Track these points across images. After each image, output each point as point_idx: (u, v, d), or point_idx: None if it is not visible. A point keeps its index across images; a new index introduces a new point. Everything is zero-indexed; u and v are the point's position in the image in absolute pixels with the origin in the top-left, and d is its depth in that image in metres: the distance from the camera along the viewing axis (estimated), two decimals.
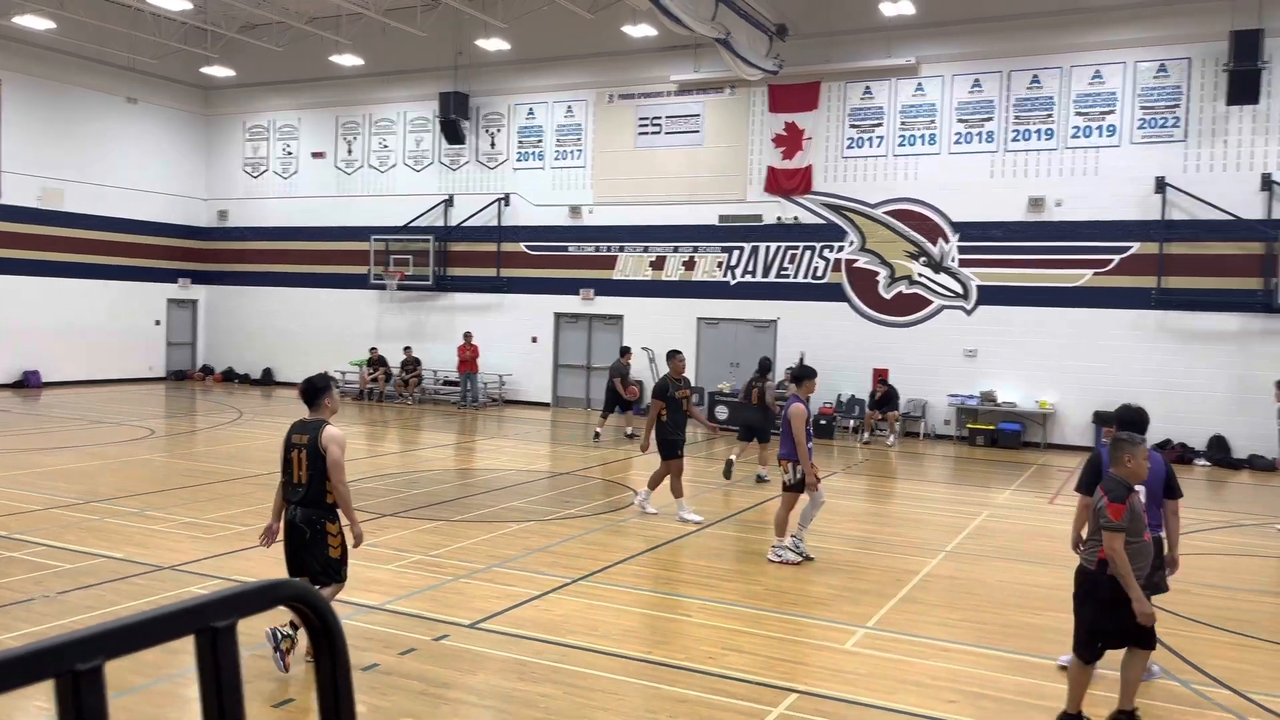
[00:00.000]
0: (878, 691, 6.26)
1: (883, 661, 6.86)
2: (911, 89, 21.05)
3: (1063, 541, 10.40)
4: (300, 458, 6.31)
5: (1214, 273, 18.59)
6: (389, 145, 27.18)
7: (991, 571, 9.59)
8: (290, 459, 6.36)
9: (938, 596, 8.62)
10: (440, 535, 10.21)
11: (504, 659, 6.70)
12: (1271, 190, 18.11)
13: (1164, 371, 18.78)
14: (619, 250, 24.14)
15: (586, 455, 16.99)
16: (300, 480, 6.29)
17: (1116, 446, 5.70)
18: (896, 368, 20.66)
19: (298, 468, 6.31)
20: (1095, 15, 19.33)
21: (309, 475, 6.26)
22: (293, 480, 6.32)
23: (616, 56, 23.79)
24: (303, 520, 6.27)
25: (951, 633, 7.60)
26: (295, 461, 6.33)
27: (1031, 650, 7.19)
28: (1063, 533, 11.30)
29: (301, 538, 6.27)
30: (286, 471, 6.38)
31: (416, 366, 25.42)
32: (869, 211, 21.48)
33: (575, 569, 9.00)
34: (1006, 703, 6.18)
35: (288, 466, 6.38)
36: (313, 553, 6.29)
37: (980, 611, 8.23)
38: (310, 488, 6.25)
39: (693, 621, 7.67)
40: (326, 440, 6.26)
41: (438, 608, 7.72)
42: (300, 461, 6.30)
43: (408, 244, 26.15)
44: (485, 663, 6.65)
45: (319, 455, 6.25)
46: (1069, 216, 19.63)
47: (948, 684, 6.46)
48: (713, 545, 10.37)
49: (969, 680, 6.55)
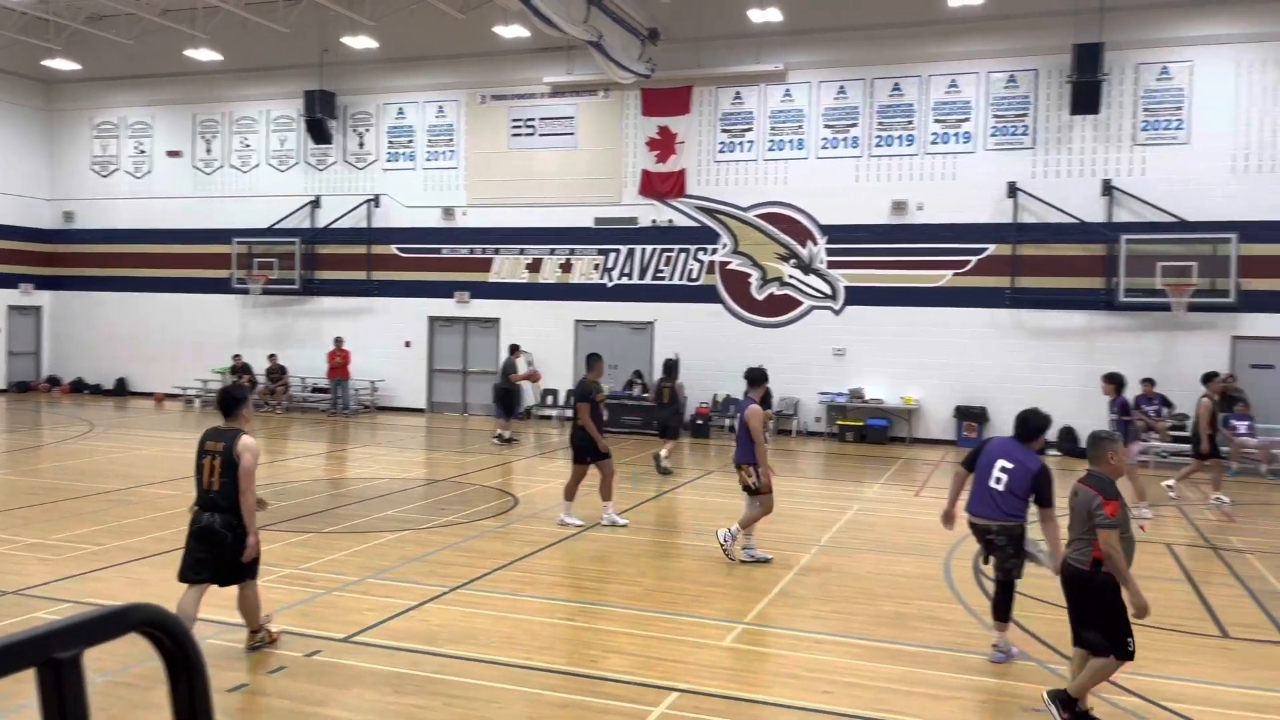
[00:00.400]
0: (755, 686, 6.38)
1: (760, 656, 6.99)
2: (780, 95, 21.56)
3: (929, 533, 10.82)
4: (213, 464, 6.48)
5: (1062, 273, 19.68)
6: (251, 144, 26.20)
7: (863, 563, 9.89)
8: (203, 465, 6.52)
9: (812, 590, 8.84)
10: (311, 548, 9.89)
11: (380, 672, 6.53)
12: (1112, 195, 19.29)
13: (1018, 367, 19.77)
14: (494, 252, 23.90)
15: (463, 461, 16.76)
16: (211, 487, 6.47)
17: (1099, 445, 5.85)
18: (770, 367, 20.83)
19: (209, 474, 6.48)
20: (950, 27, 20.20)
21: (222, 482, 6.44)
22: (204, 486, 6.50)
23: (489, 57, 23.55)
24: (222, 525, 6.44)
25: (825, 625, 7.80)
26: (208, 468, 6.49)
27: (901, 639, 7.44)
28: (929, 524, 11.76)
29: (222, 542, 6.43)
30: (198, 477, 6.54)
31: (283, 374, 24.57)
32: (741, 215, 21.89)
33: (453, 577, 8.86)
34: (878, 690, 6.38)
35: (199, 473, 6.54)
36: (232, 555, 6.46)
37: (852, 603, 8.47)
38: (224, 494, 6.44)
39: (574, 625, 7.65)
40: (241, 449, 6.45)
41: (309, 623, 7.47)
42: (214, 468, 6.47)
43: (272, 247, 25.26)
44: (360, 677, 6.47)
45: (234, 463, 6.43)
46: (930, 219, 20.46)
47: (822, 675, 6.63)
48: (592, 548, 10.36)
49: (842, 670, 6.74)
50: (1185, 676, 6.75)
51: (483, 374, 24.28)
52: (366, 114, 25.06)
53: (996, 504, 6.83)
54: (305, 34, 23.63)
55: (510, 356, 19.59)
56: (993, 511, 6.87)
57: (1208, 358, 18.78)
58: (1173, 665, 6.98)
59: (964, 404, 20.16)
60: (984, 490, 6.91)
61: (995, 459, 6.91)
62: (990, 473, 6.89)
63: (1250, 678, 6.78)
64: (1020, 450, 6.89)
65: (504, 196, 23.69)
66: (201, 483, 6.52)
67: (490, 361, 24.10)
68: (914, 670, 6.78)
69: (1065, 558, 5.84)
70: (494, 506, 12.52)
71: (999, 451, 6.96)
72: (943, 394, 20.43)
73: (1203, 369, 18.65)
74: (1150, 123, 19.18)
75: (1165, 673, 6.79)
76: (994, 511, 6.86)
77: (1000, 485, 6.81)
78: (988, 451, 7.06)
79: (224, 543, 6.43)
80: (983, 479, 6.94)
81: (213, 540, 6.45)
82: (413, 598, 8.16)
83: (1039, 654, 7.14)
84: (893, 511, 13.00)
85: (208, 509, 6.48)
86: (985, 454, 7.05)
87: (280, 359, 24.72)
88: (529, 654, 6.90)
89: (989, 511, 6.89)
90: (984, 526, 6.97)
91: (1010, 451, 6.92)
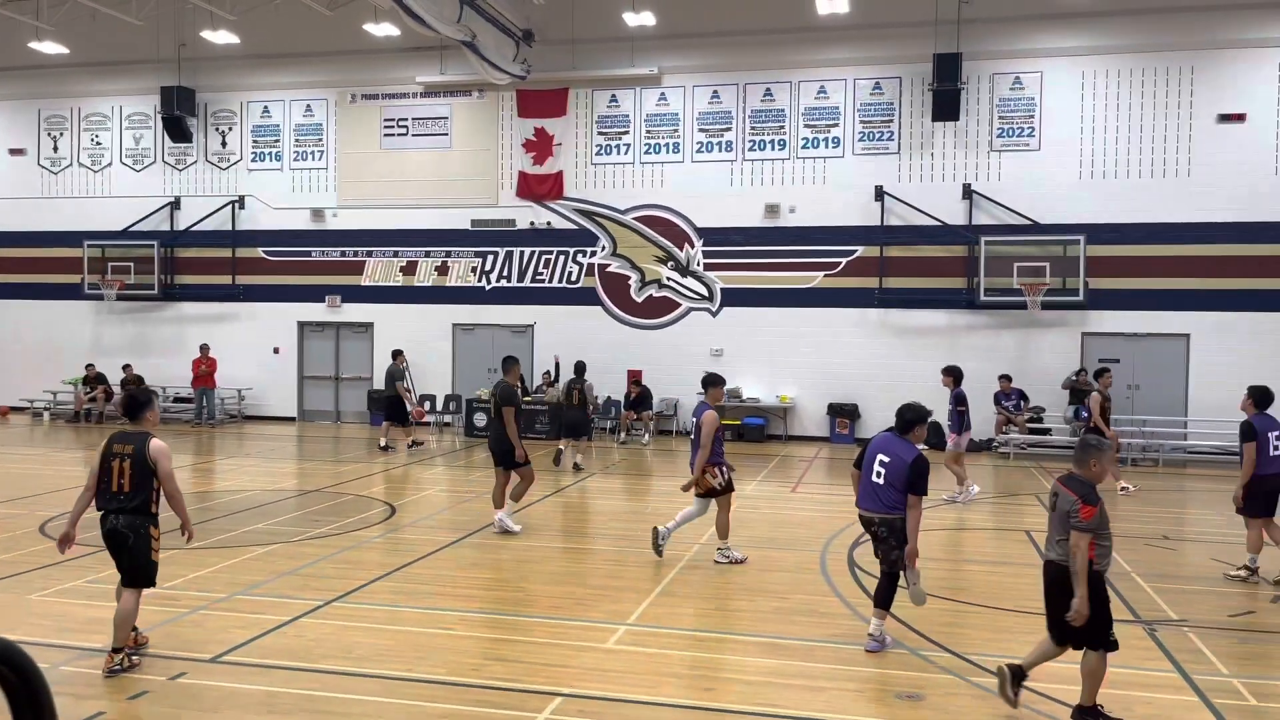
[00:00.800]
0: (639, 687, 6.40)
1: (643, 656, 7.02)
2: (655, 98, 21.75)
3: (805, 528, 11.10)
4: (123, 467, 6.57)
5: (926, 274, 20.47)
6: (103, 142, 24.88)
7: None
8: (110, 467, 6.59)
9: (693, 588, 8.94)
10: (175, 565, 9.42)
11: (250, 692, 6.28)
12: (972, 199, 20.17)
13: (887, 364, 20.47)
14: (367, 255, 23.34)
15: (338, 470, 16.29)
16: (120, 488, 6.57)
17: (1085, 450, 6.00)
18: (650, 369, 21.27)
19: (119, 476, 6.57)
20: (819, 35, 20.76)
21: (132, 484, 6.54)
22: (112, 488, 6.56)
23: (359, 55, 22.98)
24: (125, 526, 6.55)
25: (707, 622, 7.90)
26: (116, 470, 6.58)
27: (780, 633, 7.58)
28: (805, 519, 12.06)
29: (125, 542, 6.55)
30: (105, 480, 6.58)
31: (140, 384, 23.34)
32: (619, 217, 21.98)
33: (328, 590, 8.59)
34: (758, 685, 6.48)
35: (106, 475, 6.59)
36: (134, 556, 6.58)
37: (732, 599, 8.60)
38: (134, 496, 6.54)
39: (453, 634, 7.52)
40: (155, 454, 6.59)
41: (173, 644, 7.13)
42: (123, 470, 6.57)
43: (128, 250, 24.04)
44: (229, 699, 6.20)
45: (145, 465, 6.56)
46: (802, 222, 20.99)
47: (705, 672, 6.70)
48: (471, 555, 10.22)
49: (724, 666, 6.83)
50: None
51: (356, 380, 23.69)
52: (229, 112, 24.11)
53: (878, 497, 7.15)
54: (161, 27, 22.54)
55: (394, 363, 19.06)
56: (874, 504, 7.19)
57: (1061, 354, 19.90)
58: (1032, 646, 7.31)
59: (836, 401, 20.75)
60: (867, 484, 7.24)
61: (875, 454, 7.22)
62: (872, 468, 7.20)
63: None
64: (898, 443, 7.17)
65: (376, 198, 23.17)
66: (111, 485, 6.56)
67: (364, 367, 23.54)
68: (792, 663, 6.92)
69: (1050, 557, 6.02)
70: (370, 516, 12.21)
71: (879, 447, 7.27)
72: (816, 392, 20.99)
73: (1056, 364, 19.80)
74: (1005, 130, 20.15)
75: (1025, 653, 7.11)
76: (875, 504, 7.18)
77: (880, 479, 7.11)
78: (870, 448, 7.34)
79: (126, 543, 6.55)
80: (866, 474, 7.26)
81: (116, 541, 6.59)
82: (285, 613, 7.87)
83: (909, 640, 7.38)
84: (770, 508, 13.27)
85: (114, 511, 6.57)
86: (868, 450, 7.33)
87: (139, 368, 23.51)
88: (408, 665, 6.75)
89: (871, 505, 7.20)
90: (868, 519, 7.27)
91: (888, 446, 7.20)
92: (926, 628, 7.66)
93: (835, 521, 11.61)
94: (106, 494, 6.60)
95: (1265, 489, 9.36)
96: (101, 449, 6.69)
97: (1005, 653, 7.07)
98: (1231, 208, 19.08)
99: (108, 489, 6.59)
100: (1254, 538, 9.45)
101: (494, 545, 10.67)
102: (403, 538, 10.96)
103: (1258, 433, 9.33)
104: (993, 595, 8.72)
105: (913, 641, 7.38)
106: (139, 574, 6.66)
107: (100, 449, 6.69)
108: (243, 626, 7.52)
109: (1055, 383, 19.48)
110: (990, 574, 9.50)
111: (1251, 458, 9.28)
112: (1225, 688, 6.43)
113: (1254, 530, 9.45)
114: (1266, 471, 9.27)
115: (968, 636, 7.50)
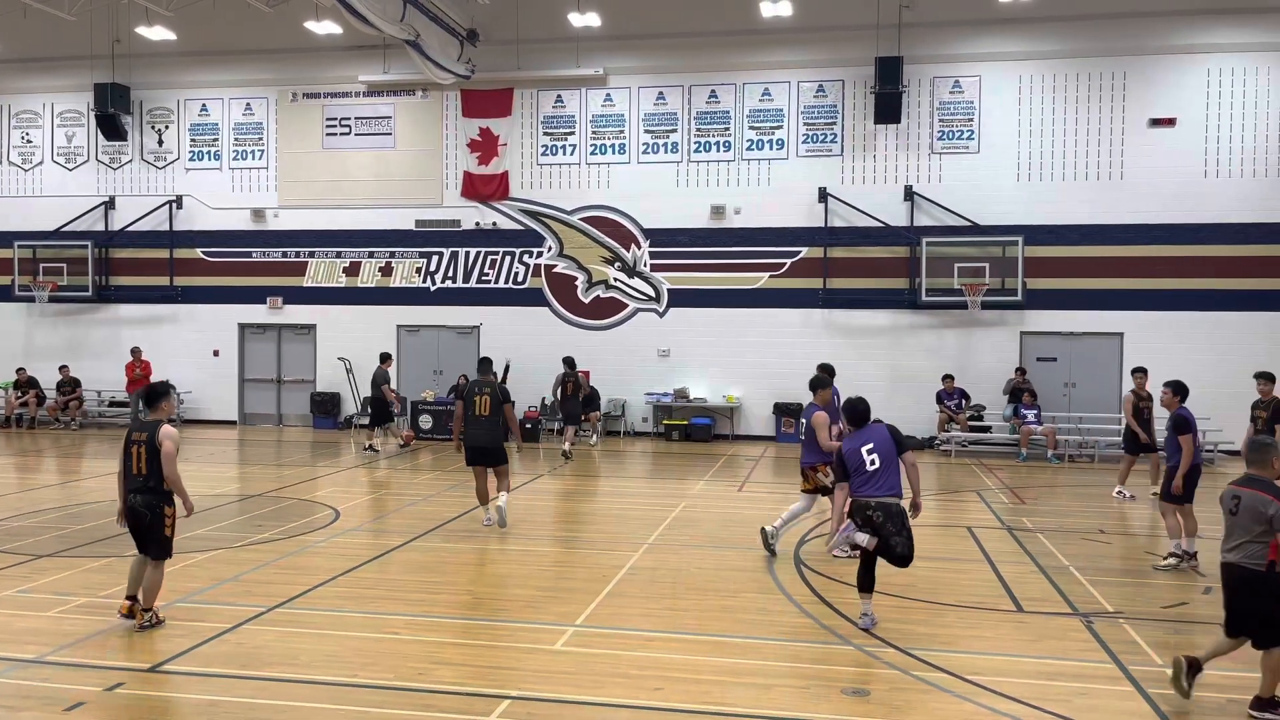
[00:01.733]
0: (587, 688, 6.39)
1: (591, 658, 7.01)
2: (601, 99, 21.74)
3: (751, 526, 11.17)
4: (139, 452, 7.45)
5: (869, 274, 20.73)
6: (33, 140, 24.20)
7: (690, 559, 10.08)
8: (131, 453, 7.49)
9: (640, 588, 8.94)
10: (111, 574, 9.19)
11: (190, 702, 6.15)
12: (913, 201, 20.48)
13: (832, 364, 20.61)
14: (309, 256, 23.00)
15: (280, 475, 16.03)
16: (139, 471, 7.44)
17: (1264, 450, 6.08)
18: (597, 369, 21.24)
19: (137, 460, 7.45)
20: (763, 37, 20.92)
21: (147, 467, 7.41)
22: (132, 471, 7.45)
23: (300, 53, 22.64)
24: (142, 505, 7.42)
25: (655, 622, 7.91)
26: (135, 455, 7.46)
27: (729, 631, 7.63)
28: (752, 517, 12.13)
29: (143, 520, 7.41)
30: (126, 464, 7.50)
31: (76, 387, 22.78)
32: (565, 218, 21.93)
33: (271, 596, 8.44)
34: (708, 684, 6.51)
35: (127, 460, 7.51)
36: (150, 533, 7.44)
37: (680, 599, 8.62)
38: (148, 478, 7.41)
39: (399, 639, 7.43)
40: (163, 437, 7.40)
41: (110, 654, 6.95)
42: (140, 455, 7.45)
43: (61, 251, 23.42)
44: (168, 709, 6.07)
45: (156, 450, 7.40)
46: (747, 223, 21.14)
47: (653, 672, 6.71)
48: (417, 559, 10.12)
49: (672, 666, 6.84)
50: (986, 650, 7.23)
51: (299, 383, 23.34)
52: (166, 110, 23.60)
53: (879, 482, 7.61)
54: (94, 23, 21.99)
55: (381, 366, 18.83)
56: (875, 489, 7.60)
57: (1001, 353, 20.29)
58: (975, 641, 7.47)
59: (782, 401, 20.92)
60: (867, 475, 7.63)
61: (859, 449, 7.69)
62: (864, 459, 7.63)
63: (1043, 648, 7.34)
64: (871, 430, 7.80)
65: (319, 198, 22.85)
66: (132, 468, 7.45)
67: (307, 370, 23.21)
68: (742, 661, 6.97)
69: (1233, 560, 6.04)
70: (313, 521, 12.03)
71: (859, 442, 7.74)
72: (762, 392, 21.14)
73: (997, 363, 20.18)
74: (945, 133, 20.49)
75: (968, 648, 7.25)
76: (876, 489, 7.60)
77: (875, 465, 7.61)
78: (849, 448, 7.76)
79: (143, 521, 7.42)
80: (860, 467, 7.65)
81: (135, 517, 7.45)
82: (226, 620, 7.73)
83: (856, 637, 7.47)
84: (718, 507, 13.33)
85: (135, 491, 7.43)
86: (849, 450, 7.74)
87: (74, 371, 22.92)
88: (353, 672, 6.66)
89: (872, 490, 7.61)
90: (864, 504, 7.60)
91: (865, 436, 7.76)
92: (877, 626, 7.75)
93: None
94: (128, 476, 7.48)
95: (1193, 477, 9.90)
96: (124, 438, 7.64)
97: (949, 648, 7.20)
98: (1163, 210, 19.62)
99: (129, 472, 7.47)
100: (1175, 524, 9.89)
101: (438, 548, 10.58)
102: (346, 542, 10.82)
103: (1193, 424, 9.86)
104: (936, 591, 8.86)
105: (858, 638, 7.47)
106: (156, 548, 7.49)
107: (123, 439, 7.66)
108: (182, 635, 7.36)
109: (996, 382, 19.86)
110: (934, 570, 9.64)
111: (1190, 448, 9.76)
112: (1160, 677, 6.60)
113: (1174, 517, 9.90)
114: (1198, 460, 9.89)
115: (912, 632, 7.60)
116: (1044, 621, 8.02)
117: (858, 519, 7.60)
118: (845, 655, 7.11)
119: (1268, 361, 18.62)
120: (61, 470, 16.83)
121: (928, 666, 6.79)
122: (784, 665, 6.95)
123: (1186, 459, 9.78)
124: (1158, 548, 10.70)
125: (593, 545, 10.64)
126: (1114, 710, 6.15)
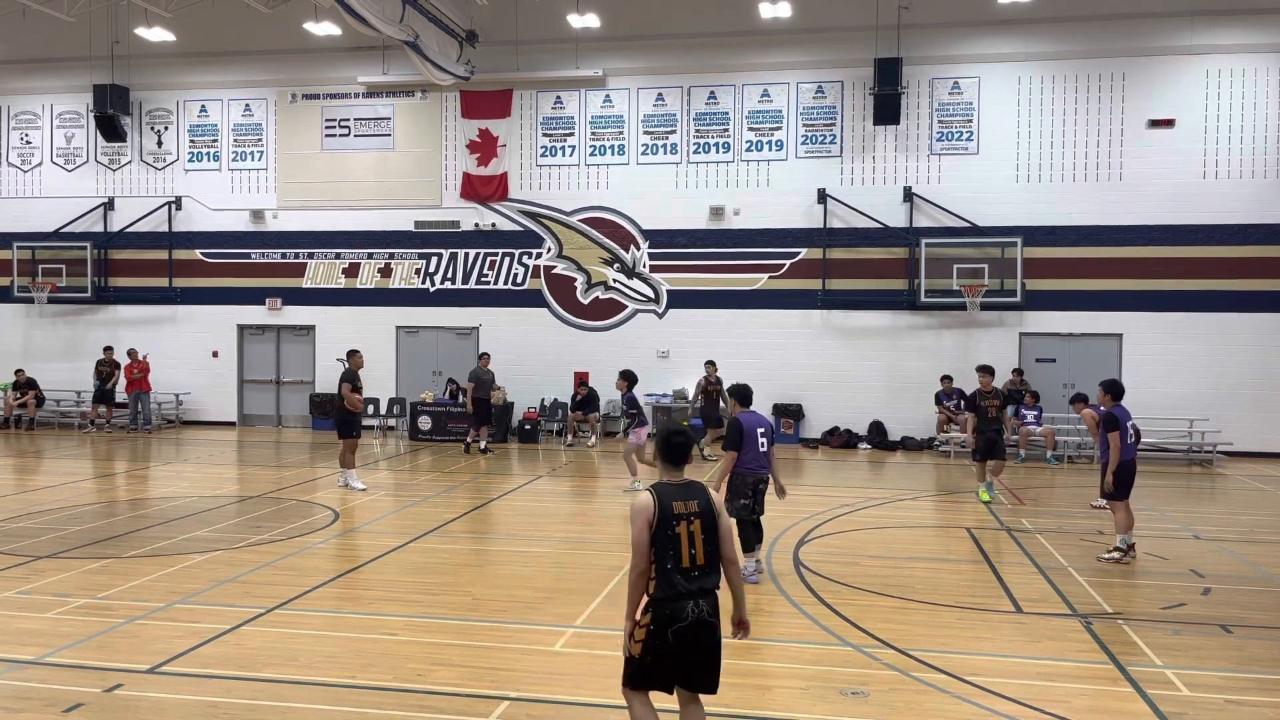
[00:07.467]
0: (587, 689, 6.38)
1: (591, 659, 7.00)
2: (600, 100, 21.75)
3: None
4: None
5: (868, 275, 20.74)
6: (33, 141, 24.19)
7: None
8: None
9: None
10: (110, 574, 9.20)
11: (190, 703, 6.15)
12: (912, 202, 20.48)
13: (830, 364, 20.72)
14: (308, 257, 23.00)
15: (279, 476, 16.03)
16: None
17: None
18: (596, 370, 21.24)
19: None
20: (762, 38, 20.93)
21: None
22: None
23: (299, 54, 22.64)
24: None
25: None
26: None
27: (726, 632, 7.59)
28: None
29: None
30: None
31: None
32: (564, 219, 21.94)
33: (270, 598, 8.44)
34: None
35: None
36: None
37: None
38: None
39: (398, 640, 7.43)
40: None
41: (109, 655, 6.95)
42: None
43: (60, 252, 23.42)
44: (167, 710, 6.06)
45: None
46: (746, 225, 21.14)
47: None
48: (416, 560, 10.11)
49: None
50: (986, 651, 7.23)
51: (298, 384, 23.33)
52: (165, 111, 23.60)
53: (767, 460, 9.16)
54: (93, 24, 21.99)
55: (480, 364, 18.93)
56: (765, 466, 9.17)
57: (1000, 354, 20.26)
58: (975, 641, 7.47)
59: (781, 401, 20.92)
60: (759, 454, 9.08)
61: (755, 430, 9.07)
62: (758, 440, 9.06)
63: (1042, 649, 7.34)
64: (760, 416, 9.27)
65: (318, 199, 22.84)
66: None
67: (306, 371, 23.20)
68: (740, 662, 6.95)
69: None
70: (312, 522, 12.02)
71: (756, 424, 9.11)
72: (761, 393, 20.98)
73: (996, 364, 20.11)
74: (944, 134, 20.49)
75: (968, 649, 7.26)
76: (766, 466, 9.18)
77: (764, 447, 9.12)
78: (749, 428, 9.04)
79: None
80: (754, 447, 9.04)
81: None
82: (225, 621, 7.72)
83: (854, 638, 7.47)
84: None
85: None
86: (748, 430, 9.02)
87: (73, 372, 22.97)
88: (352, 673, 6.66)
89: (764, 467, 9.17)
90: (758, 479, 9.14)
91: (758, 420, 9.16)
92: (871, 625, 7.76)
93: (781, 521, 11.69)
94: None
95: (1125, 474, 10.26)
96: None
97: (948, 649, 7.20)
98: (1161, 211, 19.63)
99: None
100: (1123, 519, 10.21)
101: (437, 549, 10.58)
102: (345, 543, 10.82)
103: (1120, 422, 10.24)
104: (935, 592, 8.86)
105: (857, 639, 7.47)
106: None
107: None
108: (181, 636, 7.36)
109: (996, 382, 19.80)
110: (932, 571, 9.64)
111: (1116, 445, 10.17)
112: (1159, 679, 6.60)
113: (1121, 512, 10.23)
114: (1126, 457, 10.25)
115: (911, 633, 7.60)
116: (1043, 622, 8.02)
117: (747, 489, 9.01)
118: (844, 656, 7.11)
119: (1268, 361, 18.70)
120: (63, 473, 16.81)
121: (926, 667, 6.79)
122: (783, 666, 6.95)
123: (1114, 457, 10.17)
124: (1158, 548, 10.73)
125: (593, 546, 10.63)
126: (1113, 711, 6.15)
